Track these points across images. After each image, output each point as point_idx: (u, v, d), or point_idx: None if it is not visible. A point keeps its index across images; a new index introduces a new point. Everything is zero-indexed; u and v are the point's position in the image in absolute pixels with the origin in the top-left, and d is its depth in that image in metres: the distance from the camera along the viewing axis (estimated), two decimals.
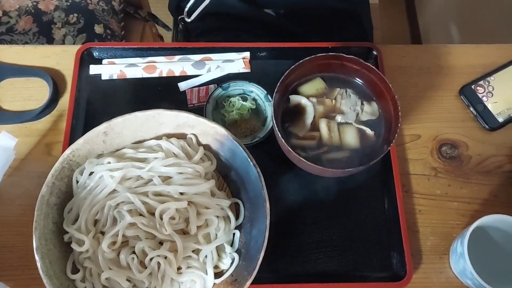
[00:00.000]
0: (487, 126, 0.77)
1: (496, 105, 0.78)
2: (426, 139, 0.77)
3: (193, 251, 0.63)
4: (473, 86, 0.80)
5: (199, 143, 0.69)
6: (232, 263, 0.64)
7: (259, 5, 1.01)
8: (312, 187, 0.73)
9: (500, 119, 0.77)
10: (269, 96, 0.76)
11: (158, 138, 0.68)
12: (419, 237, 0.71)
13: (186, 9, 0.96)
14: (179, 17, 0.98)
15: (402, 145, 0.76)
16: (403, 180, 0.73)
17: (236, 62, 0.81)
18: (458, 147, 0.76)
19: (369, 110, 0.69)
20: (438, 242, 0.70)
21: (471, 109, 0.79)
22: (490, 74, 0.81)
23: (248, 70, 0.81)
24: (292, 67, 0.66)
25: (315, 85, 0.70)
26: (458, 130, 0.78)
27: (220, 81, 0.79)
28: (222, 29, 1.02)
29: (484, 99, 0.79)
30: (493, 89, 0.79)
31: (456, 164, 0.75)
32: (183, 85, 0.80)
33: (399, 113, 0.64)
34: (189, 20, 0.97)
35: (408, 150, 0.76)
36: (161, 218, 0.62)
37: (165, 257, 0.61)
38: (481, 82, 0.80)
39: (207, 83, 0.80)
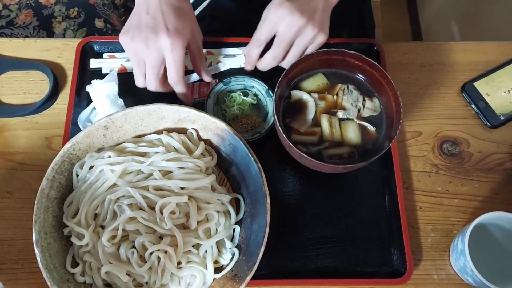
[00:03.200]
0: (488, 124, 0.77)
1: (498, 103, 0.78)
2: (428, 136, 0.77)
3: (193, 246, 0.63)
4: (474, 83, 0.79)
5: (200, 138, 0.69)
6: (232, 258, 0.64)
7: (257, 7, 0.99)
8: (313, 183, 0.73)
9: (502, 117, 0.77)
10: (270, 91, 0.76)
11: (159, 132, 0.68)
12: (419, 234, 0.70)
13: None
14: None
15: (403, 142, 0.76)
16: (404, 177, 0.73)
17: (238, 57, 0.80)
18: (459, 144, 0.76)
19: (371, 106, 0.69)
20: (439, 239, 0.70)
21: (473, 106, 0.78)
22: (492, 71, 0.80)
23: None
24: (294, 62, 0.66)
25: (316, 81, 0.70)
26: (460, 127, 0.78)
27: (221, 76, 0.79)
28: (220, 31, 1.01)
29: (486, 96, 0.78)
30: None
31: (457, 161, 0.75)
32: None
33: (401, 109, 0.64)
34: None
35: (409, 147, 0.76)
36: (162, 213, 0.61)
37: (165, 252, 0.61)
38: (483, 79, 0.80)
39: None
